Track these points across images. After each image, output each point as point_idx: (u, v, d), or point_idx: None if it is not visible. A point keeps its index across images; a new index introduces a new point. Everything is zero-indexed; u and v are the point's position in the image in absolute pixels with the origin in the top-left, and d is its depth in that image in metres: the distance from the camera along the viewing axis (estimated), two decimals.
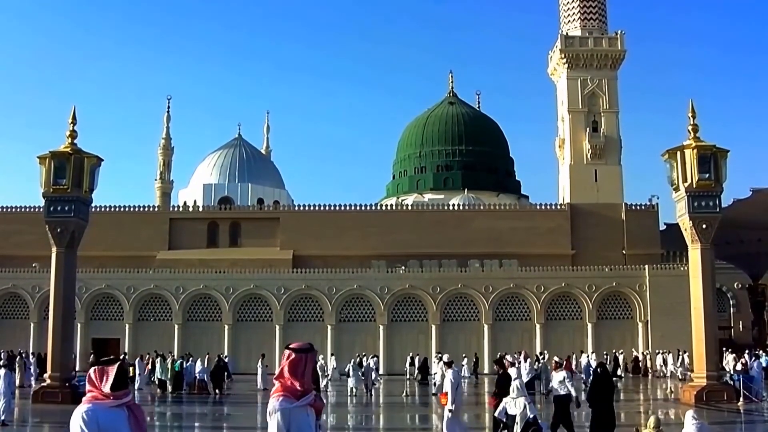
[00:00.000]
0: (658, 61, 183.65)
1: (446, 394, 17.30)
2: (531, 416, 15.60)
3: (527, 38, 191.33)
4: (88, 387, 5.80)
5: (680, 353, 49.18)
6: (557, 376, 18.77)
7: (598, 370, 18.18)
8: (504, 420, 16.80)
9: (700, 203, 31.43)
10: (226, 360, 43.21)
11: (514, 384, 16.32)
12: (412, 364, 51.15)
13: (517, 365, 21.16)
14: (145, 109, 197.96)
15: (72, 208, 31.28)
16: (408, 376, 50.22)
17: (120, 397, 5.74)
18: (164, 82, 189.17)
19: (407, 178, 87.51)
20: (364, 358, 41.96)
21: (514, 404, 16.19)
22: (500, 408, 16.84)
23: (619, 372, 49.51)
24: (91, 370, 5.82)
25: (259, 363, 43.53)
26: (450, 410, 17.04)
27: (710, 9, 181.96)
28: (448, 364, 18.20)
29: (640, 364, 55.27)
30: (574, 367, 45.95)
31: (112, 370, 5.75)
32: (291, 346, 6.09)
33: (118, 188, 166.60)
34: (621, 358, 53.98)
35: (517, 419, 15.84)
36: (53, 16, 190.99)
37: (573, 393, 18.49)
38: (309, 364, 6.05)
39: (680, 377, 46.64)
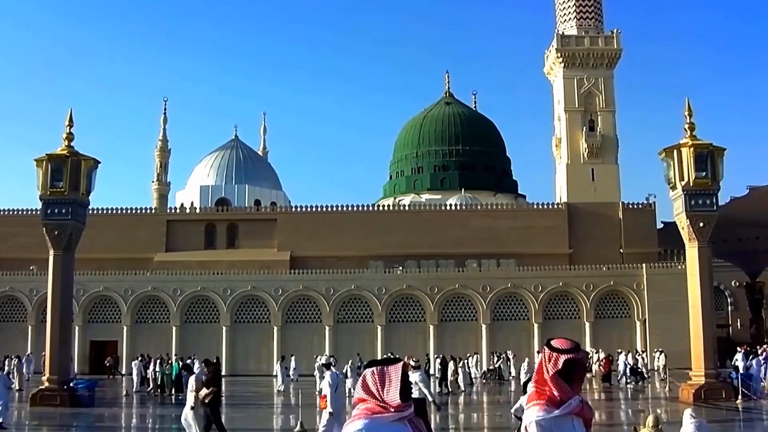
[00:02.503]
0: (654, 59, 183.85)
1: (325, 396, 17.23)
2: None
3: (523, 37, 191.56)
4: (360, 395, 4.54)
5: (657, 352, 49.38)
6: (413, 377, 18.51)
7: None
8: (520, 417, 16.79)
9: (697, 201, 31.45)
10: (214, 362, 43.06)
11: (531, 383, 16.37)
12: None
13: (420, 368, 20.84)
14: (142, 110, 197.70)
15: (69, 211, 31.22)
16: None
17: (404, 409, 4.50)
18: (161, 83, 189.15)
19: (404, 179, 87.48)
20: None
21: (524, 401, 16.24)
22: (517, 405, 16.87)
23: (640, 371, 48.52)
24: (367, 373, 4.52)
25: (279, 364, 43.69)
26: (330, 413, 17.01)
27: (706, 7, 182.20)
28: (327, 366, 18.15)
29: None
30: (612, 366, 45.93)
31: (396, 374, 4.51)
32: (555, 345, 4.94)
33: (115, 190, 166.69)
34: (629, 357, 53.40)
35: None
36: (49, 18, 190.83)
37: (428, 396, 18.29)
38: (581, 367, 4.93)
39: (662, 376, 46.63)
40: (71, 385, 30.75)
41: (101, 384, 40.79)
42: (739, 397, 29.76)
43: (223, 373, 43.45)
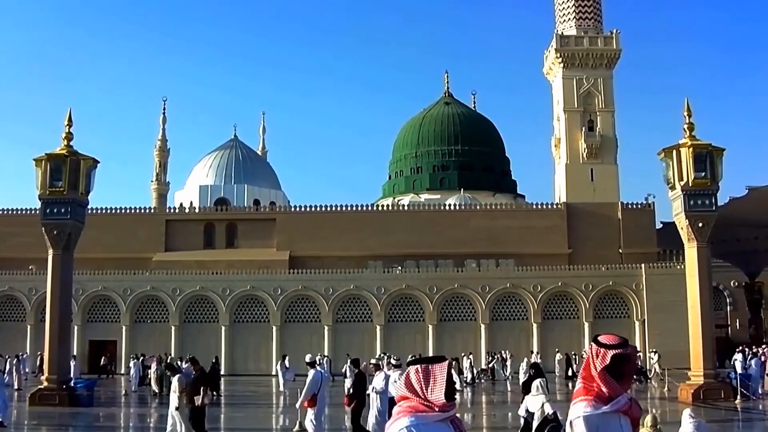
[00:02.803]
0: (653, 59, 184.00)
1: (312, 397, 17.09)
2: (550, 413, 15.58)
3: (523, 38, 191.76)
4: (404, 392, 4.45)
5: (651, 352, 49.59)
6: (392, 377, 18.49)
7: (532, 371, 17.28)
8: (526, 417, 16.77)
9: (696, 202, 31.46)
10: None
11: (535, 383, 16.31)
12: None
13: (401, 367, 20.76)
14: (141, 110, 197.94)
15: (68, 210, 31.19)
16: None
17: (448, 409, 4.41)
18: (160, 83, 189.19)
19: (403, 179, 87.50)
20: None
21: (534, 402, 16.19)
22: (523, 406, 16.82)
23: (569, 372, 48.74)
24: (411, 370, 4.47)
25: (279, 364, 43.07)
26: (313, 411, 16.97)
27: (705, 7, 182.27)
28: (311, 364, 18.02)
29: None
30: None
31: (441, 372, 4.42)
32: (603, 341, 4.82)
33: (114, 190, 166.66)
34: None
35: (536, 416, 15.83)
36: (48, 18, 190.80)
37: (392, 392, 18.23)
38: (629, 362, 4.82)
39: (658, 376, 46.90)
40: (70, 384, 30.73)
41: (100, 383, 40.80)
42: (738, 397, 29.75)
43: (222, 372, 43.63)
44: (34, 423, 26.34)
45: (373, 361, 23.43)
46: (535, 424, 15.76)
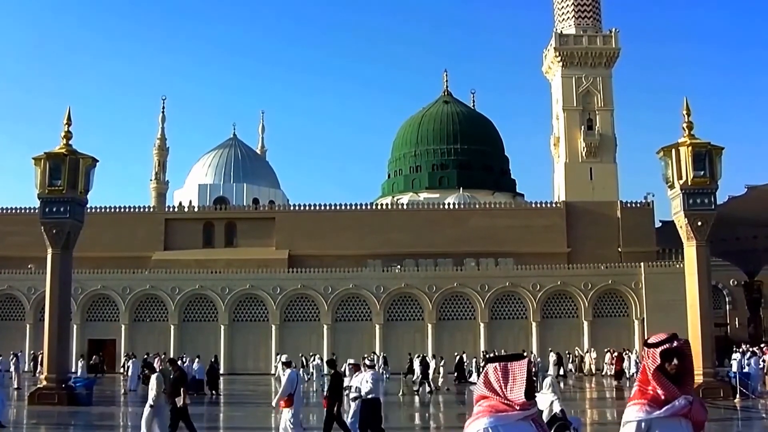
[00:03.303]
0: (652, 58, 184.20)
1: (288, 397, 16.84)
2: (558, 411, 15.64)
3: (522, 36, 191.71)
4: (482, 391, 4.34)
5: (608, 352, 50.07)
6: (366, 376, 18.41)
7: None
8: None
9: (695, 200, 31.46)
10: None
11: (546, 380, 16.39)
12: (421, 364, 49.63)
13: (375, 367, 20.63)
14: (140, 109, 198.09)
15: (67, 209, 31.17)
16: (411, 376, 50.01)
17: (529, 407, 4.29)
18: (159, 82, 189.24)
19: (402, 177, 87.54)
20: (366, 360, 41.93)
21: (543, 399, 16.29)
22: (543, 409, 16.86)
23: (561, 371, 48.96)
24: (489, 368, 4.35)
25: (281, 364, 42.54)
26: (291, 412, 16.86)
27: (704, 6, 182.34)
28: (287, 364, 17.90)
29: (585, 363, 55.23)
30: (624, 365, 46.05)
31: (522, 371, 4.29)
32: (651, 341, 4.74)
33: (113, 189, 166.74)
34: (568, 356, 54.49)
35: (544, 414, 15.90)
36: (48, 16, 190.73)
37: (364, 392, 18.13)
38: (682, 357, 4.70)
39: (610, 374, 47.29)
40: (69, 383, 30.73)
41: (99, 382, 40.79)
42: (737, 396, 29.77)
43: (221, 371, 43.61)
44: (33, 422, 26.33)
45: (351, 361, 23.29)
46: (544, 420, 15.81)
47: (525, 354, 4.54)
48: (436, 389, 39.03)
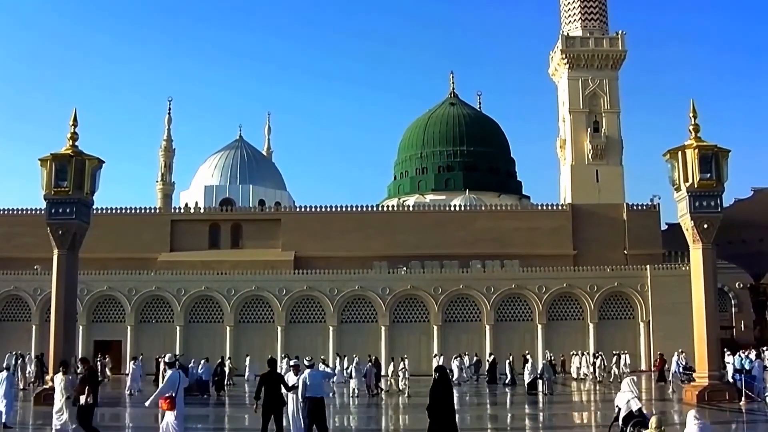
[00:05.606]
0: (659, 61, 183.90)
1: (168, 399, 16.51)
2: (635, 408, 15.95)
3: (528, 39, 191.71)
4: None
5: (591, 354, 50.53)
6: (301, 377, 18.45)
7: (437, 374, 16.81)
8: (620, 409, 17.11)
9: (701, 203, 31.41)
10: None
11: (626, 380, 16.81)
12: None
13: (314, 367, 20.55)
14: (147, 110, 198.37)
15: (73, 210, 31.25)
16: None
17: None
18: (165, 83, 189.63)
19: (408, 179, 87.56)
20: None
21: (622, 397, 16.61)
22: (616, 399, 17.18)
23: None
24: None
25: (285, 364, 41.06)
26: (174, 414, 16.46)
27: (711, 9, 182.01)
28: (170, 365, 17.54)
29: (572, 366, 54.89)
30: (666, 368, 45.65)
31: None
32: None
33: (119, 190, 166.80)
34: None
35: (622, 411, 16.28)
36: (54, 18, 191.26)
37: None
38: None
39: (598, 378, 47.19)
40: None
41: (104, 384, 40.82)
42: (743, 398, 29.69)
43: (228, 373, 43.52)
44: (39, 423, 26.36)
45: (293, 362, 23.22)
46: (621, 416, 16.38)
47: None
48: (398, 390, 39.29)
